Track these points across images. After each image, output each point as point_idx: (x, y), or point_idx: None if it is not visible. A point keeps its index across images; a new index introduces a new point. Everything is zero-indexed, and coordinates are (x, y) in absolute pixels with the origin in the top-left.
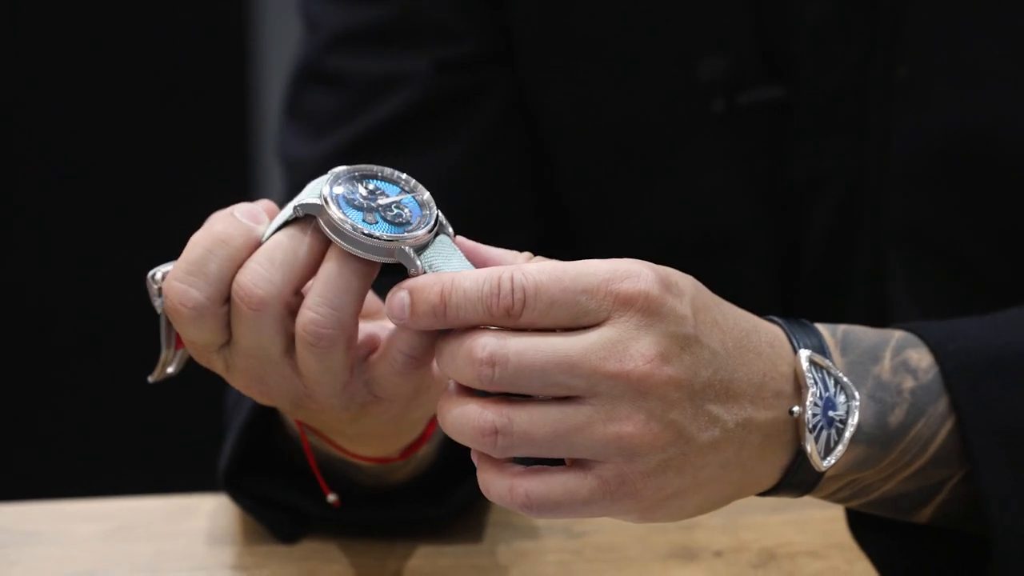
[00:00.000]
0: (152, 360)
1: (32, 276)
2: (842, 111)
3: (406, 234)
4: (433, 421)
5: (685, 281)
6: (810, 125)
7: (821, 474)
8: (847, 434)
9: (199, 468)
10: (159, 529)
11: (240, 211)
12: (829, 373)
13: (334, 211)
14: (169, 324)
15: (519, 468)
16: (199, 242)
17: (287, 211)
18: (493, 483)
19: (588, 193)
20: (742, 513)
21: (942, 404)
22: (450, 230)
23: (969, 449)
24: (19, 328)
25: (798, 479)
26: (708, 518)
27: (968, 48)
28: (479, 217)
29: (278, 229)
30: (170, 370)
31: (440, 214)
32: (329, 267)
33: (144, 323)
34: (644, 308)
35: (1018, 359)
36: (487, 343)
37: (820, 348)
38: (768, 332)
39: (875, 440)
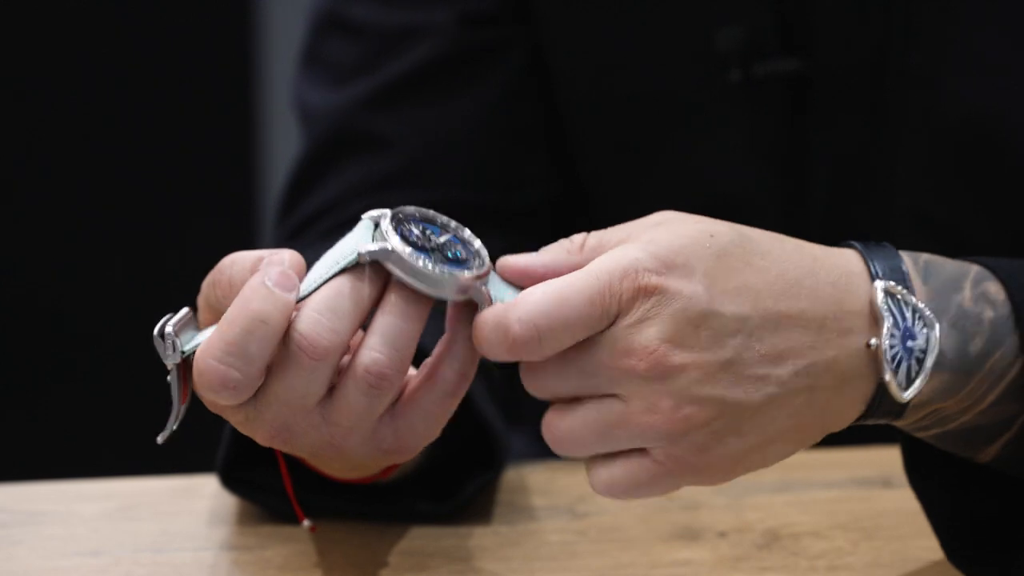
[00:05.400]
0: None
1: (36, 264)
2: (857, 90)
3: (475, 270)
4: None
5: (696, 252)
6: (825, 101)
7: (905, 404)
8: (928, 364)
9: (201, 449)
10: (162, 509)
11: (272, 279)
12: (906, 303)
13: (409, 254)
14: (180, 378)
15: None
16: (235, 320)
17: (346, 258)
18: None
19: (602, 157)
20: (746, 493)
21: (1016, 337)
22: (489, 261)
23: None
24: (25, 311)
25: (882, 409)
26: (712, 498)
27: (980, 38)
28: (495, 174)
29: (333, 276)
30: (175, 427)
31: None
32: (391, 308)
33: (147, 310)
34: (647, 299)
35: None
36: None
37: (901, 275)
38: (832, 269)
39: (956, 368)
